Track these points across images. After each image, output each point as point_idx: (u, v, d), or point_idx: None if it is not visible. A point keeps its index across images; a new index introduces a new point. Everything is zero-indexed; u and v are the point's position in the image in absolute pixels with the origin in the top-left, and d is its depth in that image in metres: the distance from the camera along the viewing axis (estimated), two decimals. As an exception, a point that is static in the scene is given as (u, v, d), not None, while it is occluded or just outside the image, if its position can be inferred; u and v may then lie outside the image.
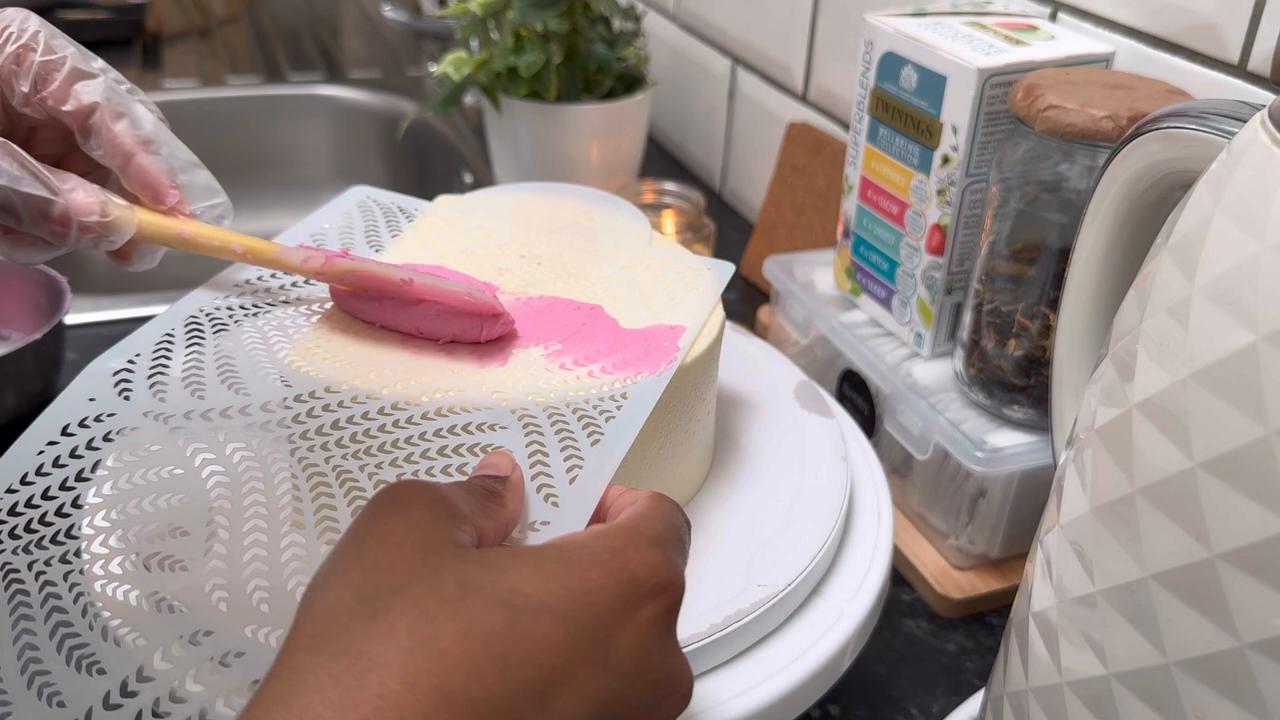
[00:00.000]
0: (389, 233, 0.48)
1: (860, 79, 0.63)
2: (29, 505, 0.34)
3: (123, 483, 0.34)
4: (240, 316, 0.41)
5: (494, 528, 0.29)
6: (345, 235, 0.47)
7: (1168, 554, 0.27)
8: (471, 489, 0.29)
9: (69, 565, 0.33)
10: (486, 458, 0.33)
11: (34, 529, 0.33)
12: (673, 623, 0.28)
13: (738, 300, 0.86)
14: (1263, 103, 0.29)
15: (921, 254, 0.61)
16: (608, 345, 0.41)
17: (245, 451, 0.35)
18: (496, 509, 0.29)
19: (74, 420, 0.36)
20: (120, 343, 0.39)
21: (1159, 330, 0.28)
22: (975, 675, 0.54)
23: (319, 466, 0.34)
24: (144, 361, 0.38)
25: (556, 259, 0.47)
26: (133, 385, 0.37)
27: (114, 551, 0.33)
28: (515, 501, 0.31)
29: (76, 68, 0.37)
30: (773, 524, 0.44)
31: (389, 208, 0.50)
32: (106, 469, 0.35)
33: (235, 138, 1.26)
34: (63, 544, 0.33)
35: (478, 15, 0.86)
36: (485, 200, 0.52)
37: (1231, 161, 0.27)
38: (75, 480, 0.34)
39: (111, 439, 0.35)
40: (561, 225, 0.50)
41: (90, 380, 0.37)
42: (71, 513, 0.34)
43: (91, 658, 0.30)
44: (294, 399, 0.36)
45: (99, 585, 0.32)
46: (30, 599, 0.32)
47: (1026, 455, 0.55)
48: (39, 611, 0.31)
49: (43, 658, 0.30)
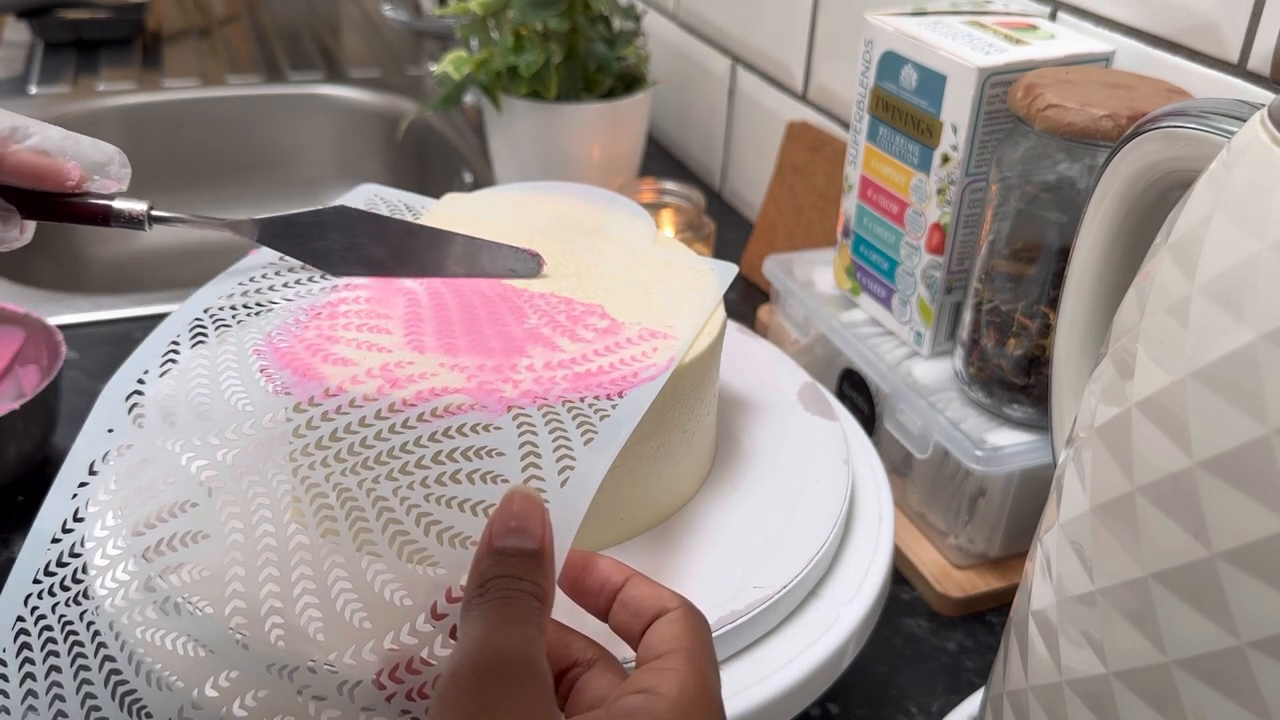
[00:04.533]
0: None
1: (860, 78, 0.63)
2: (73, 555, 0.34)
3: (142, 527, 0.35)
4: (244, 316, 0.41)
5: (545, 638, 0.29)
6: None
7: (1167, 553, 0.27)
8: (531, 614, 0.28)
9: (112, 613, 0.34)
10: (511, 505, 0.30)
11: (80, 578, 0.34)
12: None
13: (738, 299, 0.86)
14: (1262, 102, 0.29)
15: (921, 253, 0.61)
16: (607, 345, 0.41)
17: (253, 476, 0.35)
18: (547, 619, 0.29)
19: (98, 456, 0.36)
20: (130, 359, 0.39)
21: (1159, 329, 0.28)
22: (975, 674, 0.54)
23: (320, 486, 0.34)
24: (152, 380, 0.38)
25: (559, 257, 0.47)
26: (145, 411, 0.37)
27: (139, 601, 0.34)
28: (553, 585, 0.30)
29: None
30: (771, 526, 0.44)
31: (396, 205, 0.50)
32: (118, 518, 0.35)
33: (235, 138, 1.26)
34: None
35: (478, 14, 0.86)
36: (492, 198, 0.52)
37: (1231, 161, 0.27)
38: (95, 530, 0.35)
39: (135, 475, 0.36)
40: (566, 224, 0.50)
41: (108, 405, 0.37)
42: (95, 569, 0.35)
43: (140, 702, 0.32)
44: (294, 409, 0.36)
45: (139, 632, 0.33)
46: (85, 648, 0.33)
47: (1026, 454, 0.55)
48: (94, 660, 0.33)
49: (101, 706, 0.32)
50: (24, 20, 1.35)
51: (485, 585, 0.29)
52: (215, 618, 0.32)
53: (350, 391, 0.36)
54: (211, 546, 0.33)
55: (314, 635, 0.31)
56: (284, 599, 0.32)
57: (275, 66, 1.33)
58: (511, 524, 0.30)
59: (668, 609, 0.31)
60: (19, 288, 0.84)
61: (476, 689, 0.26)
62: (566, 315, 0.42)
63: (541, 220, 0.50)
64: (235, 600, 0.32)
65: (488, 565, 0.29)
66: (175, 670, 0.32)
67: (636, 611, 0.31)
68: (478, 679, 0.26)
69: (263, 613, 0.32)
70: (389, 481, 0.34)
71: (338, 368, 0.38)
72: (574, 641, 0.32)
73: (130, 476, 0.36)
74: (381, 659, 0.31)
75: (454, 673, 0.26)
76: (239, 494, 0.34)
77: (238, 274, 0.43)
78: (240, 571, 0.33)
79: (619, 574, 0.32)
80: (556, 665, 0.31)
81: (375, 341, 0.39)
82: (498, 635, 0.27)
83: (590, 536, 0.42)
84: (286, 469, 0.35)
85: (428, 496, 0.33)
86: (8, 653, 0.33)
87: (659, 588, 0.32)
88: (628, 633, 0.32)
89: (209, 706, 0.31)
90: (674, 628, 0.30)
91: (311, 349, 0.39)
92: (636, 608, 0.31)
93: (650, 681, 0.28)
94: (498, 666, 0.26)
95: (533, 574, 0.29)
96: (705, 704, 0.28)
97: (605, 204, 0.52)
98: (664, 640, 0.30)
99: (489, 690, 0.26)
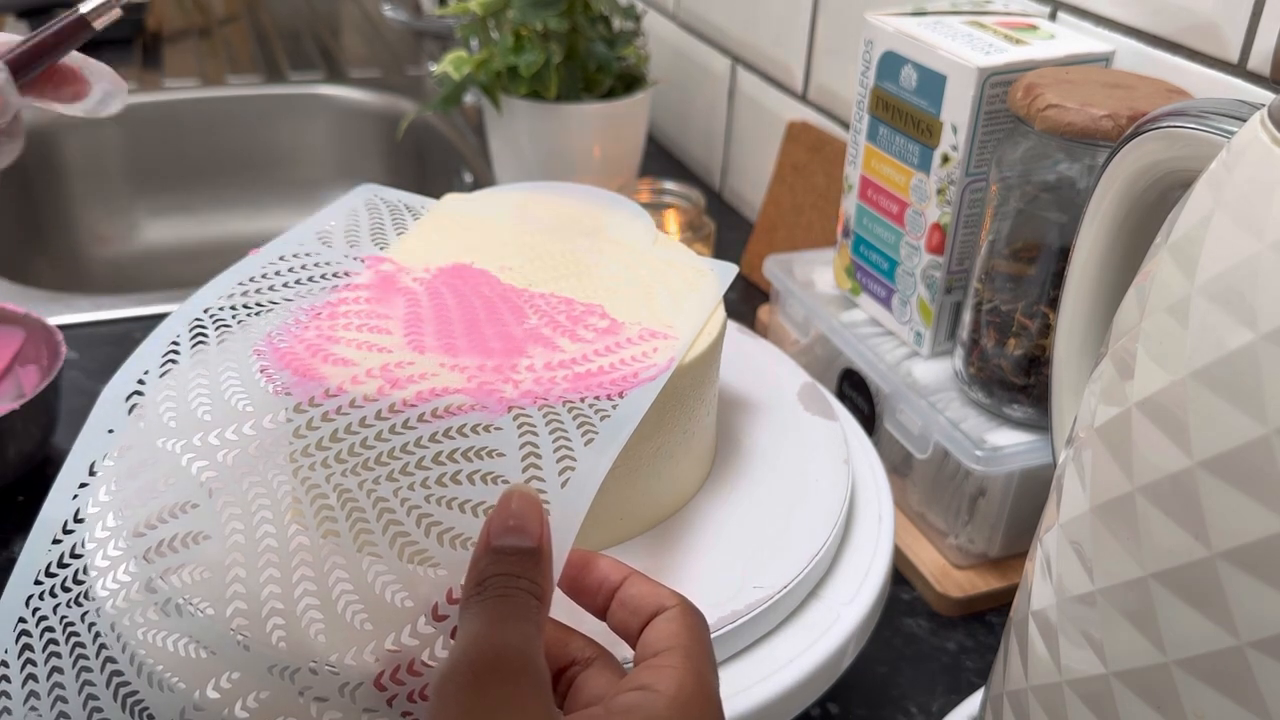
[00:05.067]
0: (395, 230, 0.48)
1: (860, 78, 0.63)
2: (74, 555, 0.34)
3: (143, 528, 0.35)
4: (243, 316, 0.41)
5: (543, 636, 0.29)
6: (351, 234, 0.47)
7: (1167, 553, 0.27)
8: (528, 612, 0.28)
9: (114, 615, 0.34)
10: (510, 504, 0.30)
11: (81, 580, 0.34)
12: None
13: (738, 299, 0.86)
14: (1262, 102, 0.29)
15: (921, 253, 0.61)
16: (607, 345, 0.41)
17: (253, 477, 0.35)
18: (545, 617, 0.29)
19: (99, 457, 0.36)
20: (131, 358, 0.39)
21: (1159, 329, 0.28)
22: (975, 674, 0.54)
23: (321, 487, 0.34)
24: (152, 380, 0.38)
25: (559, 257, 0.47)
26: (145, 411, 0.37)
27: (140, 603, 0.34)
28: (551, 584, 0.30)
29: None
30: (772, 526, 0.44)
31: (396, 206, 0.50)
32: (119, 519, 0.35)
33: (235, 138, 1.26)
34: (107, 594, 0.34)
35: (478, 15, 0.86)
36: (492, 198, 0.52)
37: (1231, 161, 0.27)
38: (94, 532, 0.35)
39: (135, 474, 0.36)
40: (566, 224, 0.50)
41: (109, 406, 0.37)
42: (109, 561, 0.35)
43: (141, 703, 0.32)
44: (294, 409, 0.36)
45: (140, 634, 0.33)
46: (87, 649, 0.33)
47: (1026, 454, 0.55)
48: (95, 662, 0.33)
49: (103, 707, 0.32)
50: (24, 20, 1.35)
51: (483, 584, 0.29)
52: (216, 619, 0.32)
53: (351, 392, 0.36)
54: (212, 547, 0.33)
55: (315, 636, 0.31)
56: (285, 600, 0.32)
57: (275, 66, 1.33)
58: (510, 523, 0.30)
59: (666, 607, 0.31)
60: (19, 288, 0.84)
61: (473, 686, 0.26)
62: (566, 315, 0.42)
63: (542, 220, 0.50)
64: (236, 601, 0.32)
65: (486, 564, 0.29)
66: (177, 671, 0.32)
67: (635, 610, 0.31)
68: (474, 675, 0.26)
69: (264, 614, 0.32)
70: (389, 482, 0.34)
71: (338, 368, 0.38)
72: (573, 640, 0.32)
73: (131, 477, 0.36)
74: (382, 660, 0.31)
75: (451, 670, 0.26)
76: (239, 495, 0.34)
77: (238, 274, 0.43)
78: (241, 573, 0.33)
79: (617, 573, 0.32)
80: (555, 664, 0.31)
81: (375, 342, 0.39)
82: (495, 633, 0.27)
83: (590, 536, 0.42)
84: (287, 469, 0.35)
85: (428, 497, 0.33)
86: (9, 653, 0.33)
87: (657, 586, 0.32)
88: (626, 631, 0.32)
89: (211, 708, 0.31)
90: (672, 625, 0.30)
91: (312, 349, 0.39)
92: (635, 606, 0.31)
93: (648, 679, 0.28)
94: (495, 664, 0.26)
95: (530, 572, 0.29)
96: (703, 701, 0.28)
97: (605, 204, 0.52)
98: (662, 638, 0.30)
99: (485, 687, 0.26)
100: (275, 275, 0.43)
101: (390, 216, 0.49)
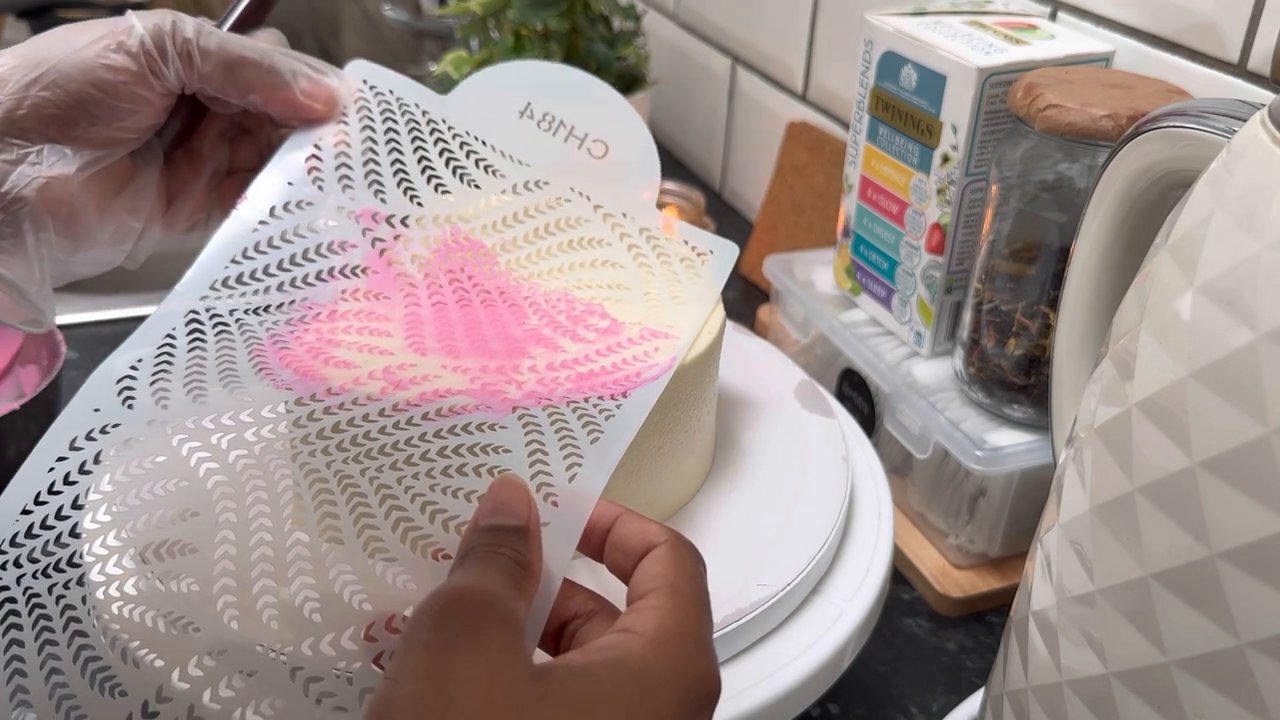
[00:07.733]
0: (389, 158, 0.45)
1: (860, 78, 0.63)
2: (44, 527, 0.34)
3: (130, 499, 0.34)
4: (241, 315, 0.41)
5: (527, 604, 0.29)
6: (343, 164, 0.44)
7: (1167, 553, 0.27)
8: (505, 569, 0.29)
9: (84, 589, 0.33)
10: (498, 490, 0.31)
11: (51, 551, 0.34)
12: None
13: (738, 299, 0.86)
14: (1262, 102, 0.29)
15: (921, 253, 0.61)
16: (609, 345, 0.41)
17: (248, 459, 0.35)
18: (529, 585, 0.29)
19: (81, 434, 0.36)
20: (124, 344, 0.39)
21: (1159, 329, 0.28)
22: (975, 674, 0.54)
23: (320, 472, 0.34)
24: (146, 366, 0.38)
25: (559, 257, 0.47)
26: (135, 393, 0.37)
27: (127, 573, 0.33)
28: (538, 559, 0.30)
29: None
30: (773, 524, 0.44)
31: (389, 101, 0.48)
32: (106, 489, 0.35)
33: (235, 137, 1.26)
34: (79, 566, 0.34)
35: (478, 14, 0.86)
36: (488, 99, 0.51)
37: (1231, 161, 0.27)
38: (86, 497, 0.35)
39: (117, 451, 0.35)
40: (567, 224, 0.50)
41: (96, 387, 0.37)
42: (84, 533, 0.34)
43: (113, 680, 0.31)
44: (295, 403, 0.36)
45: (115, 608, 0.33)
46: (53, 623, 0.32)
47: (1026, 454, 0.55)
48: (62, 636, 0.32)
49: (69, 682, 0.31)
50: (24, 20, 1.35)
51: (468, 554, 0.29)
52: (204, 596, 0.32)
53: (354, 391, 0.36)
54: (202, 524, 0.33)
55: (309, 616, 0.31)
56: (278, 579, 0.32)
57: (275, 66, 1.33)
58: (497, 506, 0.30)
59: (654, 544, 0.31)
60: (19, 288, 0.84)
61: (436, 624, 0.26)
62: (567, 315, 0.42)
63: (543, 221, 0.50)
64: (225, 579, 0.32)
65: (472, 540, 0.30)
66: (158, 649, 0.32)
67: (626, 550, 0.31)
68: (436, 613, 0.27)
69: (255, 591, 0.32)
70: (393, 471, 0.34)
71: (340, 370, 0.38)
72: (576, 595, 0.32)
73: (123, 461, 0.35)
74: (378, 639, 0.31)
75: (418, 611, 0.27)
76: (234, 480, 0.34)
77: (231, 245, 0.41)
78: (232, 550, 0.33)
79: (608, 513, 0.32)
80: (557, 619, 0.31)
81: (376, 344, 0.40)
82: (461, 577, 0.28)
83: (591, 536, 0.42)
84: (285, 454, 0.35)
85: (433, 486, 0.33)
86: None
87: (647, 523, 0.32)
88: (621, 573, 0.32)
89: (196, 685, 0.31)
90: (658, 565, 0.30)
91: (313, 352, 0.39)
92: (625, 546, 0.31)
93: (629, 621, 0.28)
94: (458, 602, 0.27)
95: (515, 544, 0.29)
96: (680, 639, 0.28)
97: (605, 192, 0.51)
98: (647, 579, 0.30)
99: (447, 625, 0.26)
100: (270, 248, 0.41)
101: (384, 128, 0.46)
